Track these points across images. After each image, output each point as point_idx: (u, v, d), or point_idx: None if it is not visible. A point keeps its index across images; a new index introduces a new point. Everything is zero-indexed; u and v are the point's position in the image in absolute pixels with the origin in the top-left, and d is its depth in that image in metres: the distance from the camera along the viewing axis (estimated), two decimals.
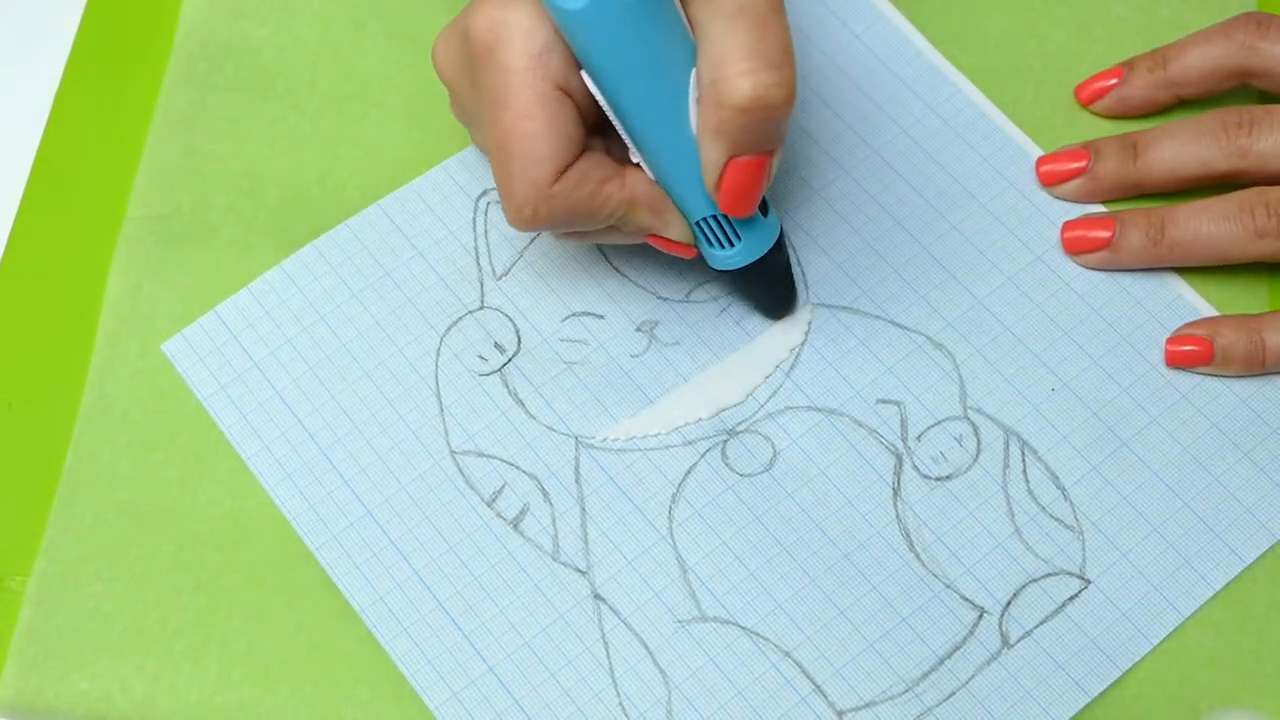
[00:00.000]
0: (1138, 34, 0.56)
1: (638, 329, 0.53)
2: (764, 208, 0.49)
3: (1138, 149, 0.53)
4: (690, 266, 0.53)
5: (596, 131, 0.47)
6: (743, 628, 0.49)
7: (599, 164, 0.47)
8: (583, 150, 0.46)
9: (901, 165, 0.54)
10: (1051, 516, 0.50)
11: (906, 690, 0.48)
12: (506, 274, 0.53)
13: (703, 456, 0.51)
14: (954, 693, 0.48)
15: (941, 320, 0.52)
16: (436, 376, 0.52)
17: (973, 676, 0.48)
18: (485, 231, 0.54)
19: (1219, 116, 0.52)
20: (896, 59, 0.56)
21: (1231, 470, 0.50)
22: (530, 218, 0.46)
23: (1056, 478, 0.50)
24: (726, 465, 0.51)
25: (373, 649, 0.49)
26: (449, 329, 0.53)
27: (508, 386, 0.52)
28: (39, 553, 0.50)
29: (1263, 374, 0.51)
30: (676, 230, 0.49)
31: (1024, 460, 0.50)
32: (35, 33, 0.59)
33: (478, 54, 0.45)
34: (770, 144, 0.45)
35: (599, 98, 0.45)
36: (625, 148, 0.47)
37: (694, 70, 0.45)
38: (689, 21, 0.45)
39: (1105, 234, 0.52)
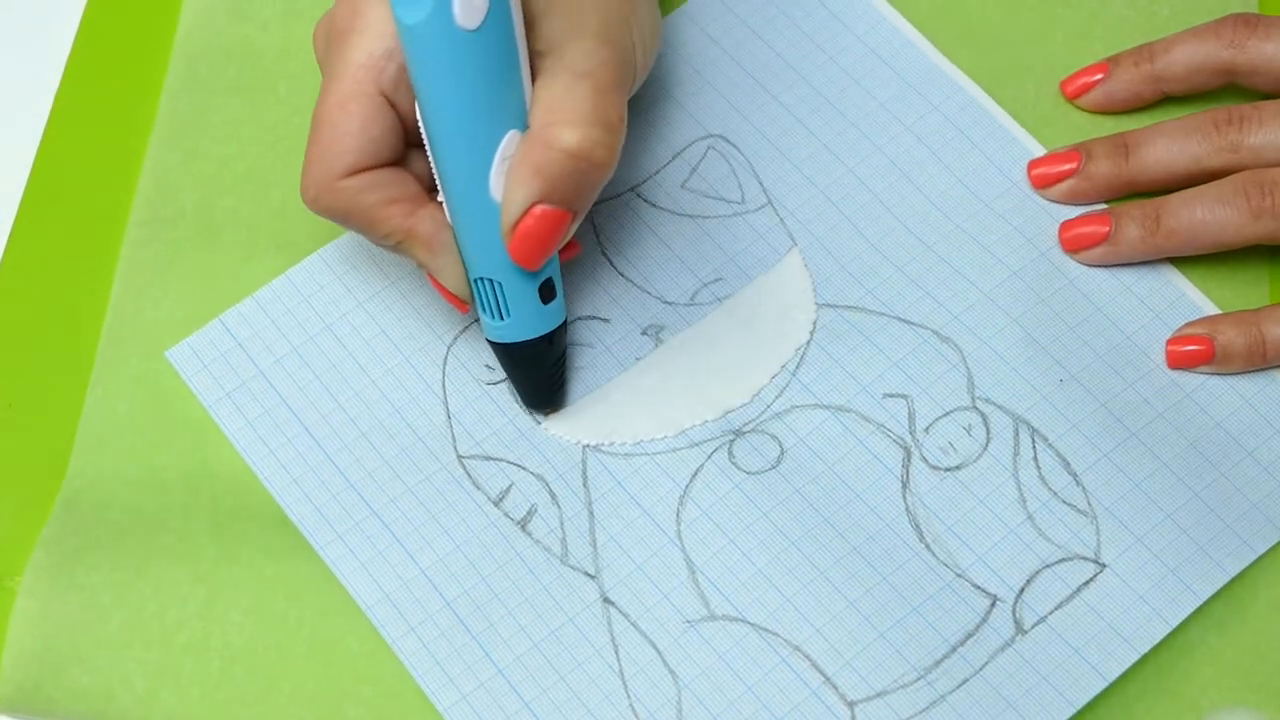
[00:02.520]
0: (1138, 33, 0.56)
1: (643, 332, 0.53)
2: (549, 295, 0.48)
3: (1129, 148, 0.53)
4: (694, 269, 0.53)
5: (423, 155, 0.48)
6: (752, 624, 0.48)
7: (399, 182, 0.47)
8: (395, 163, 0.47)
9: (904, 163, 0.55)
10: (1064, 502, 0.49)
11: (919, 678, 0.47)
12: None
13: (709, 457, 0.51)
14: (967, 680, 0.47)
15: (947, 314, 0.52)
16: (444, 385, 0.52)
17: (986, 663, 0.47)
18: None
19: (1209, 115, 0.52)
20: (898, 59, 0.56)
21: (1237, 468, 0.50)
22: (312, 200, 0.47)
23: (1068, 464, 0.50)
24: (733, 464, 0.50)
25: (375, 647, 0.48)
26: (456, 339, 0.53)
27: (515, 394, 0.52)
28: (39, 547, 0.50)
29: (1264, 368, 0.51)
30: (450, 279, 0.48)
31: (1034, 447, 0.50)
32: (35, 34, 0.60)
33: (332, 36, 0.46)
34: (577, 202, 0.46)
35: (420, 123, 0.45)
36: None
37: (511, 131, 0.45)
38: (533, 76, 0.45)
39: (1102, 229, 0.52)
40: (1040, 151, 0.55)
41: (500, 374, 0.52)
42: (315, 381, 0.52)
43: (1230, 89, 0.54)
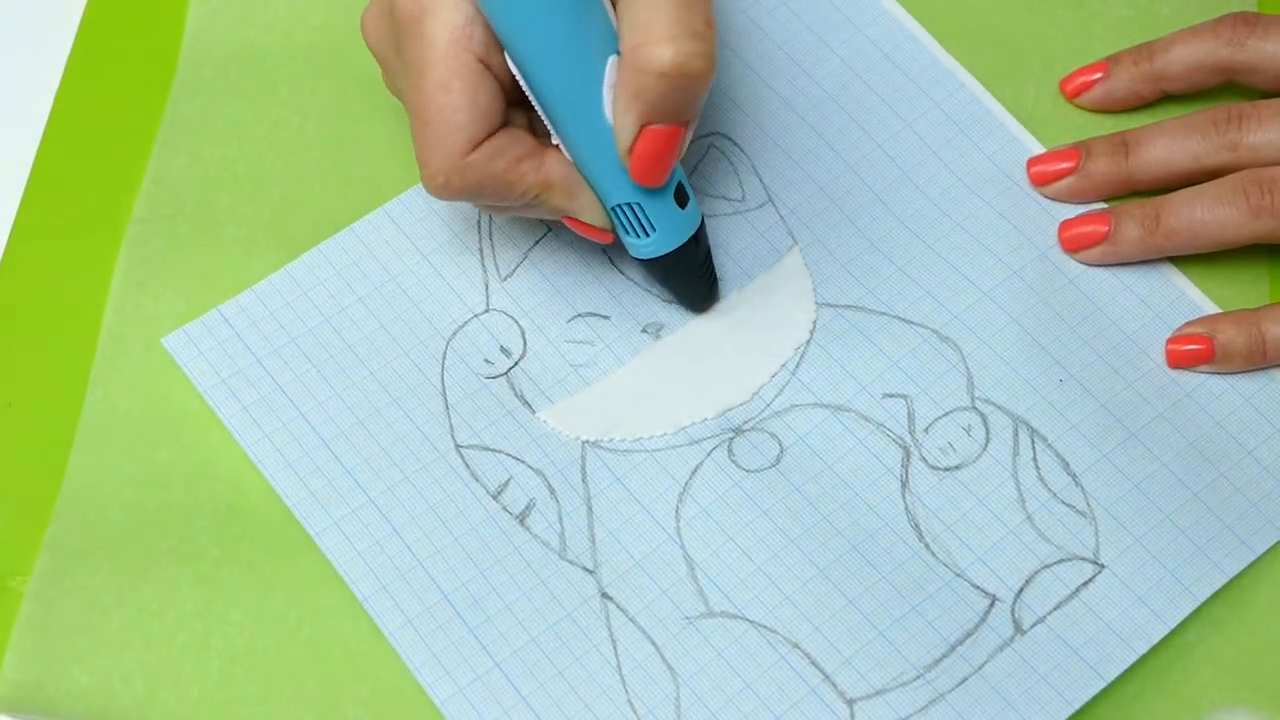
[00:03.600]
0: (1138, 32, 0.56)
1: (643, 330, 0.53)
2: (683, 199, 0.49)
3: (1129, 146, 0.53)
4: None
5: (521, 107, 0.48)
6: (751, 621, 0.48)
7: (517, 140, 0.47)
8: (503, 125, 0.47)
9: (905, 161, 0.55)
10: (1063, 502, 0.49)
11: (918, 677, 0.47)
12: (511, 276, 0.53)
13: (709, 455, 0.51)
14: (966, 679, 0.47)
15: (947, 314, 0.52)
16: (443, 379, 0.52)
17: (985, 662, 0.47)
18: (490, 234, 0.54)
19: (1208, 113, 0.52)
20: (900, 54, 0.56)
21: (1237, 467, 0.50)
22: (443, 186, 0.47)
23: (1067, 464, 0.50)
24: (733, 462, 0.50)
25: (375, 645, 0.48)
26: (455, 334, 0.53)
27: (514, 389, 0.52)
28: (42, 547, 0.50)
29: (1264, 367, 0.51)
30: (591, 214, 0.49)
31: (1034, 447, 0.50)
32: (35, 33, 0.59)
33: (403, 24, 0.46)
34: (685, 115, 0.46)
35: (517, 76, 0.46)
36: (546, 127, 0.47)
37: (611, 57, 0.45)
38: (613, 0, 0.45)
39: (1102, 229, 0.52)
40: (1040, 150, 0.55)
41: (499, 369, 0.52)
42: (313, 371, 0.52)
43: (1230, 88, 0.55)
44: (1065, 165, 0.54)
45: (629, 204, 0.48)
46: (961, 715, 0.46)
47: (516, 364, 0.52)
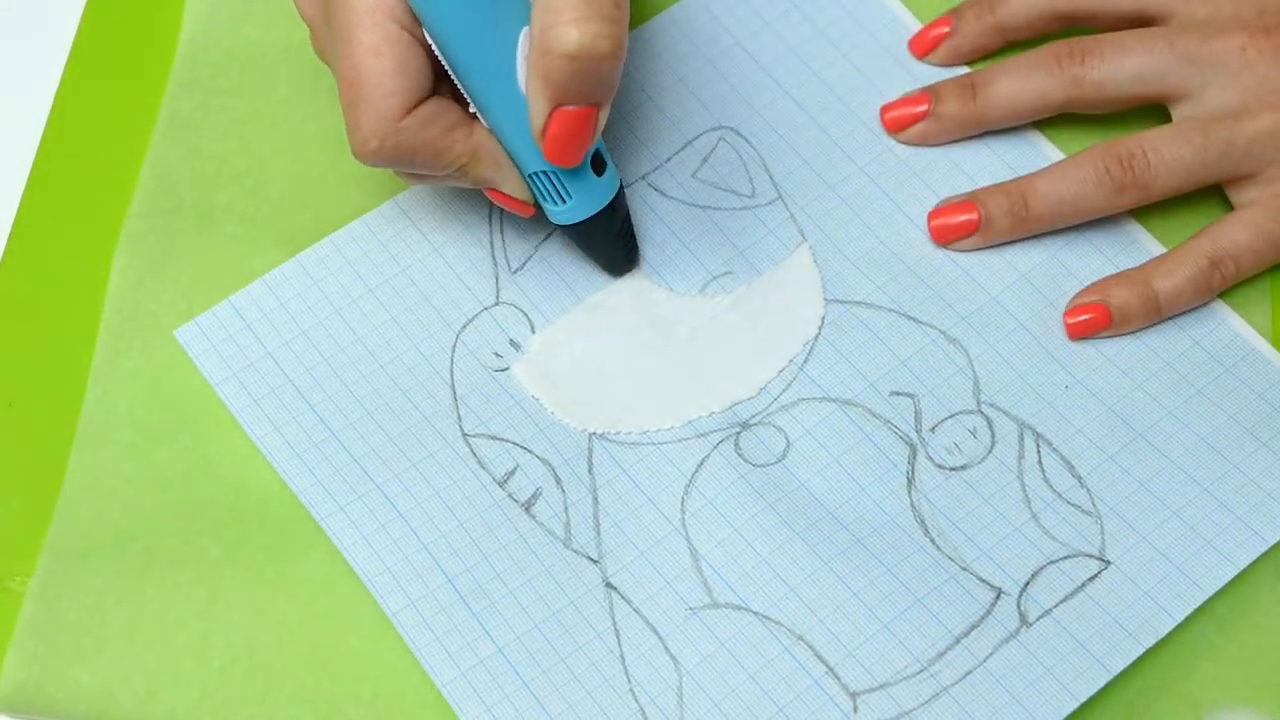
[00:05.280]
0: None
1: (652, 324, 0.53)
2: (600, 166, 0.50)
3: (976, 87, 0.54)
4: (704, 262, 0.53)
5: (445, 79, 0.48)
6: (755, 613, 0.48)
7: (447, 109, 0.47)
8: (432, 94, 0.47)
9: (916, 163, 0.55)
10: (1068, 503, 0.49)
11: (922, 670, 0.47)
12: (522, 268, 0.54)
13: (715, 448, 0.50)
14: (971, 671, 0.47)
15: (955, 315, 0.52)
16: (451, 372, 0.52)
17: (990, 655, 0.47)
18: (500, 226, 0.54)
19: (1051, 49, 0.53)
20: (911, 59, 0.56)
21: (1251, 458, 0.49)
22: (375, 151, 0.47)
23: (1072, 467, 0.50)
24: (739, 456, 0.50)
25: (375, 645, 0.48)
26: (465, 326, 0.53)
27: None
28: (43, 548, 0.50)
29: (1161, 321, 0.51)
30: (513, 186, 0.49)
31: (1039, 451, 0.50)
32: (35, 32, 0.59)
33: None
34: (597, 96, 0.46)
35: (434, 47, 0.46)
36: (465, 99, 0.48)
37: (525, 28, 0.45)
38: None
39: (970, 217, 0.53)
40: (1052, 150, 0.55)
41: (508, 361, 0.52)
42: (323, 364, 0.52)
43: (1075, 30, 0.55)
44: (918, 110, 0.54)
45: (545, 172, 0.49)
46: (965, 708, 0.46)
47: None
